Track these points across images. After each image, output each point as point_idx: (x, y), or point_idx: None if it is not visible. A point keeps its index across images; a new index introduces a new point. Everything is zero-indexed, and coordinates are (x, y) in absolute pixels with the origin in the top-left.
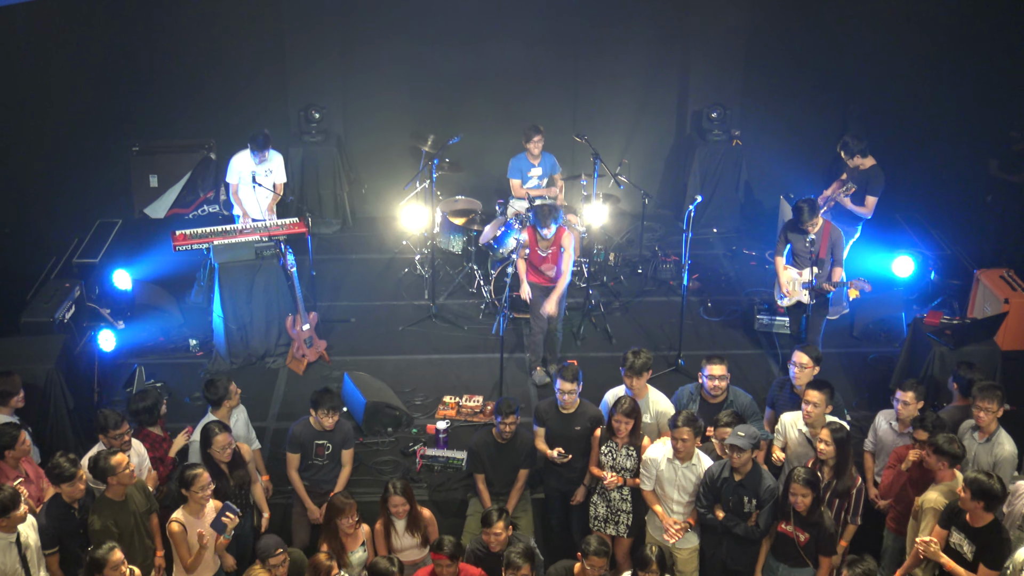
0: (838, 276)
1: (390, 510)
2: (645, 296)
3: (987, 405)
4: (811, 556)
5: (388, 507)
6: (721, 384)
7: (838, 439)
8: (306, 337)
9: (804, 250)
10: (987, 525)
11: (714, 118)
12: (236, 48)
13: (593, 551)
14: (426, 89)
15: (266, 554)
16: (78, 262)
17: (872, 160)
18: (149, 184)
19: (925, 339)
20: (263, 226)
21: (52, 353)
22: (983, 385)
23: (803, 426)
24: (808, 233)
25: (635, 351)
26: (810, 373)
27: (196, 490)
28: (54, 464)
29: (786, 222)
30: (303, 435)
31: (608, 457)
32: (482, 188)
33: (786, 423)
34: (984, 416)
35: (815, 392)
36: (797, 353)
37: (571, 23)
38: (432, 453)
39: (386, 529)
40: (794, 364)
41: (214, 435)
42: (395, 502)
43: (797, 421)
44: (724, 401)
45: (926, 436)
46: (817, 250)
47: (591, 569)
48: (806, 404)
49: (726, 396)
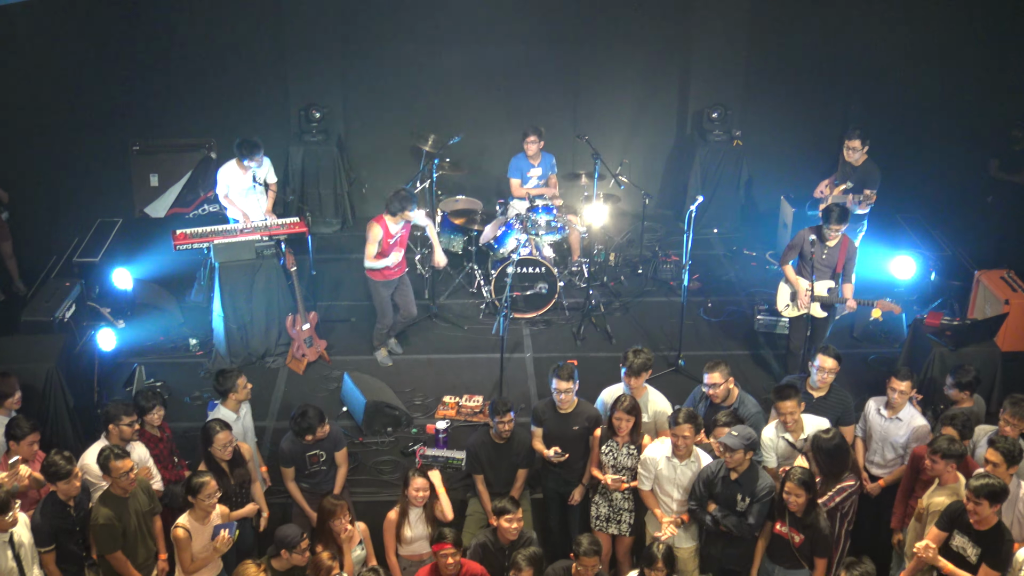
0: (848, 292)
1: (408, 496)
2: (645, 296)
3: (1016, 421)
4: (806, 557)
5: (407, 493)
6: (719, 392)
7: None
8: (306, 337)
9: (821, 262)
10: (992, 528)
11: (715, 118)
12: (236, 48)
13: (584, 551)
14: (426, 89)
15: (292, 544)
16: (78, 261)
17: (866, 155)
18: (149, 183)
19: (925, 340)
20: (263, 226)
21: (52, 352)
22: (1016, 399)
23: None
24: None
25: (636, 350)
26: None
27: (203, 497)
28: (50, 462)
29: (800, 231)
30: (293, 451)
31: (609, 456)
32: (482, 188)
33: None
34: (1011, 431)
35: (786, 403)
36: (821, 356)
37: (571, 23)
38: (432, 453)
39: (400, 519)
40: (816, 367)
41: (215, 433)
42: (417, 484)
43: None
44: (733, 406)
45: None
46: (834, 263)
47: (584, 569)
48: (780, 414)
49: (735, 401)
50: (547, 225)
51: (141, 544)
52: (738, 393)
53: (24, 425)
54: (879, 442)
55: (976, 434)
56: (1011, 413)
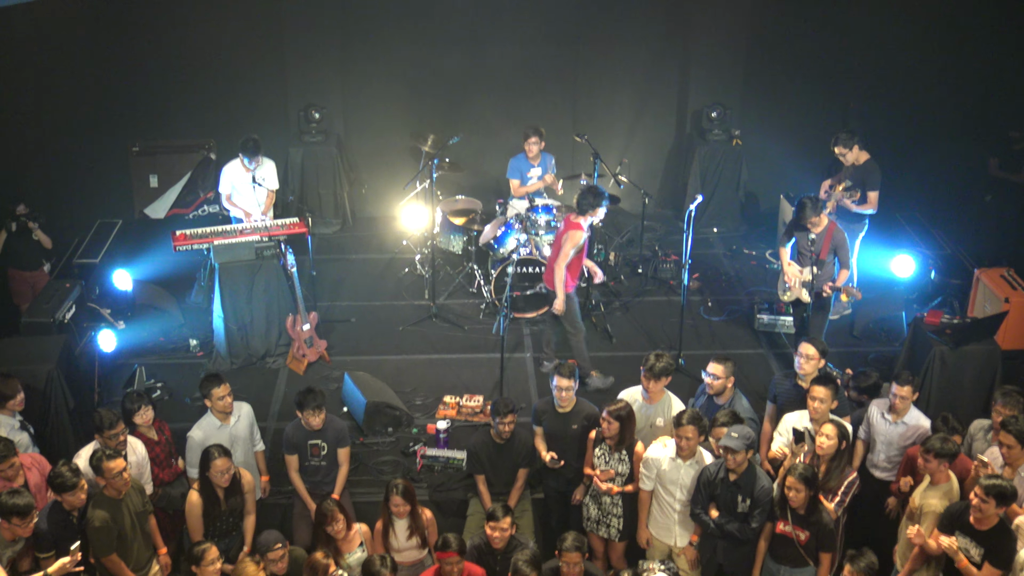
0: (843, 278)
1: (391, 509)
2: (645, 296)
3: (1008, 412)
4: (811, 554)
5: (389, 507)
6: (715, 383)
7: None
8: (306, 337)
9: (805, 248)
10: (994, 527)
11: (714, 118)
12: (236, 48)
13: (567, 547)
14: (426, 89)
15: (265, 548)
16: (78, 262)
17: (867, 155)
18: (149, 184)
19: (925, 338)
20: (263, 226)
21: (52, 353)
22: (1007, 390)
23: (808, 423)
24: (809, 231)
25: (658, 354)
26: (815, 365)
27: (205, 565)
28: (56, 473)
29: (792, 218)
30: (296, 437)
31: (601, 460)
32: (482, 188)
33: (790, 422)
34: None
35: (821, 388)
36: (803, 344)
37: (571, 23)
38: (432, 453)
39: (385, 529)
40: (800, 355)
41: (212, 459)
42: (395, 502)
43: (803, 419)
44: (729, 402)
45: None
46: (818, 251)
47: (567, 567)
48: (812, 400)
49: (731, 398)
50: (547, 225)
51: (138, 544)
52: (733, 393)
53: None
54: (883, 445)
55: (972, 428)
56: (1003, 404)
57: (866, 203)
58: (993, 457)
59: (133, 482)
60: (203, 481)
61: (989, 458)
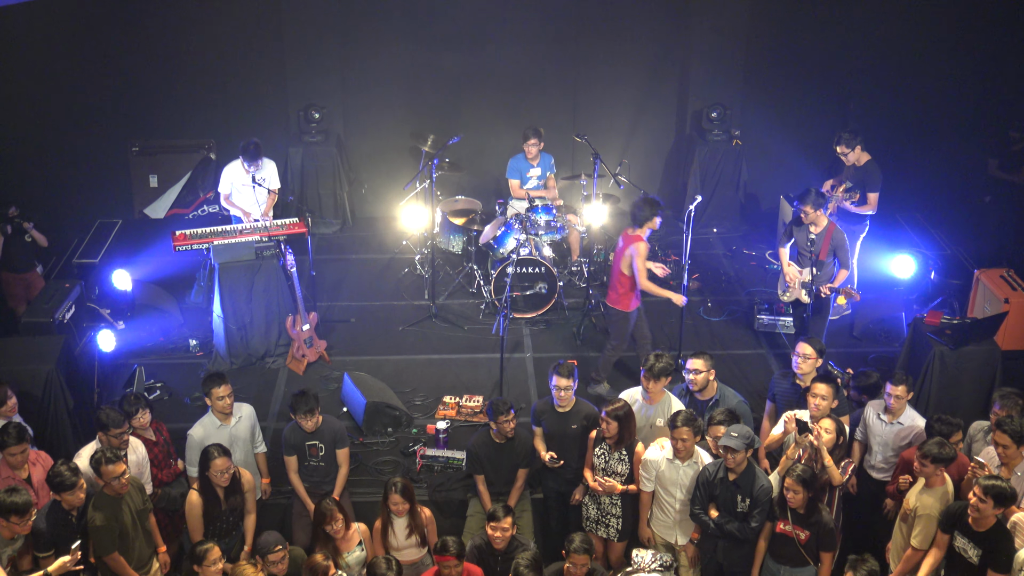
0: (842, 279)
1: (390, 508)
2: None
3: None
4: (812, 554)
5: (388, 505)
6: (698, 378)
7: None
8: (306, 337)
9: (805, 248)
10: (992, 528)
11: (714, 118)
12: (236, 48)
13: (575, 548)
14: (426, 89)
15: (265, 550)
16: (78, 262)
17: (868, 156)
18: (149, 184)
19: (925, 339)
20: (263, 226)
21: (52, 354)
22: (1005, 392)
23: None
24: (807, 226)
25: (657, 354)
26: (813, 364)
27: (207, 565)
28: (55, 472)
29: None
30: (293, 438)
31: (601, 460)
32: (482, 188)
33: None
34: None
35: (822, 385)
36: (801, 344)
37: (571, 23)
38: (432, 453)
39: (384, 528)
40: (798, 355)
41: (212, 458)
42: (394, 500)
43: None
44: (713, 398)
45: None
46: (818, 251)
47: (573, 567)
48: (813, 398)
49: (714, 394)
50: (546, 225)
51: (139, 542)
52: (717, 386)
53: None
54: (880, 446)
55: (972, 430)
56: (1001, 405)
57: (865, 204)
58: (989, 457)
59: (133, 480)
60: (203, 481)
61: (985, 459)
